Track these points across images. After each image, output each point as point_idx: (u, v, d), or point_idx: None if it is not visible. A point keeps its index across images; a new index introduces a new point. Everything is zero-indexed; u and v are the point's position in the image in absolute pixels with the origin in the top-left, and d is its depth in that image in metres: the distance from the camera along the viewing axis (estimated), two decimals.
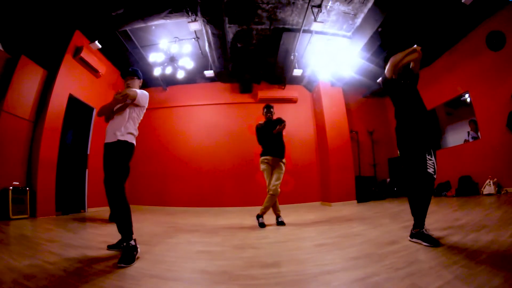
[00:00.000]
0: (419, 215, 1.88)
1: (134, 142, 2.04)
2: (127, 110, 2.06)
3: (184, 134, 6.54)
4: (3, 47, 3.89)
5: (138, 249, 1.79)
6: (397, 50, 2.03)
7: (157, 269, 1.53)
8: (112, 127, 2.01)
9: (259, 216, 3.19)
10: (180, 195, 6.11)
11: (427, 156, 1.87)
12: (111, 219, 3.51)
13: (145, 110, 2.21)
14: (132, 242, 1.77)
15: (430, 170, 1.85)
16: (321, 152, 6.49)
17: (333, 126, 6.19)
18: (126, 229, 1.81)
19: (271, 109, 3.48)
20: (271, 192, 3.13)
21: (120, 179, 1.88)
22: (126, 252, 1.69)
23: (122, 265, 1.57)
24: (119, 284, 1.29)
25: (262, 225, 3.09)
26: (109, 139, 1.96)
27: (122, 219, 1.82)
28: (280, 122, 3.35)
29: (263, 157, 3.33)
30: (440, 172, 2.64)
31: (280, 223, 3.20)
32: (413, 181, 1.93)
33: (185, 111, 6.70)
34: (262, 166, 3.32)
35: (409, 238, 1.93)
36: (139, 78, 2.28)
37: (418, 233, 1.84)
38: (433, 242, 1.73)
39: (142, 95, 2.12)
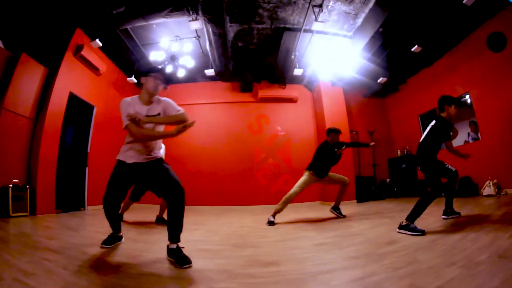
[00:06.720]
0: (419, 211, 2.23)
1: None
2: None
3: (184, 133, 6.52)
4: (4, 45, 3.88)
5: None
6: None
7: (156, 267, 1.53)
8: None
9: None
10: None
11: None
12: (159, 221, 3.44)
13: None
14: (180, 245, 1.67)
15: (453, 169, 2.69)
16: None
17: (333, 126, 6.17)
18: (180, 230, 1.71)
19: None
20: None
21: None
22: (179, 255, 1.60)
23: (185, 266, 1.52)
24: (118, 282, 1.30)
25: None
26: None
27: (181, 218, 1.72)
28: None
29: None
30: None
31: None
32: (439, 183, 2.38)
33: (186, 109, 6.52)
34: None
35: (397, 229, 2.25)
36: (165, 85, 2.01)
37: (407, 225, 2.19)
38: (421, 231, 2.09)
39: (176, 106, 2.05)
